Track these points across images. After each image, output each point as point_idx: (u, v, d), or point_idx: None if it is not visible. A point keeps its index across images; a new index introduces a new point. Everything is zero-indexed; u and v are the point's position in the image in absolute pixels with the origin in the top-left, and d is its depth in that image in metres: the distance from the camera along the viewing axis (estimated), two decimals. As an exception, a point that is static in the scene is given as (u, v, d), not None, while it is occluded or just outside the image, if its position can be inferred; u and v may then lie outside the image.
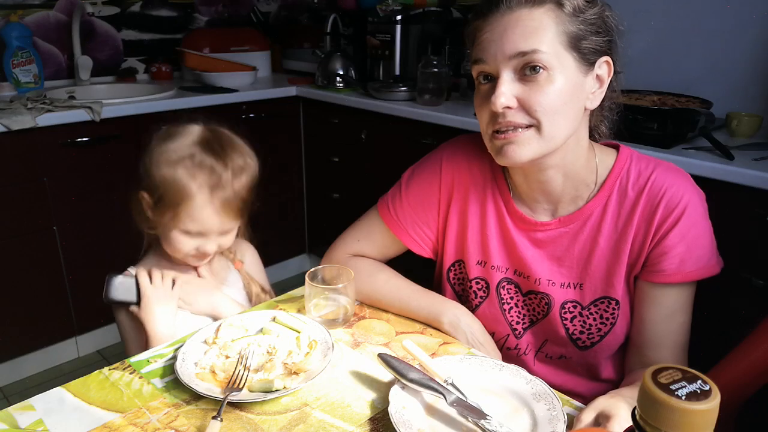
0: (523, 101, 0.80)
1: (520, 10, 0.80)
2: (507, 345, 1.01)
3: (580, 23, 0.80)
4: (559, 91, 0.80)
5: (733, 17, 1.82)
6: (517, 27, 0.79)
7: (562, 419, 0.71)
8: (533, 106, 0.80)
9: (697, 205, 0.87)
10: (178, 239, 1.00)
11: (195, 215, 0.98)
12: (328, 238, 1.13)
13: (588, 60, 0.82)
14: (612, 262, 0.90)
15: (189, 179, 0.96)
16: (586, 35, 0.81)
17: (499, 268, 0.98)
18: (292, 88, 2.64)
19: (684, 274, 0.87)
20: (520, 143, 0.82)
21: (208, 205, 0.98)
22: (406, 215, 1.03)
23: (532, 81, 0.79)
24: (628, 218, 0.89)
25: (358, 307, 1.03)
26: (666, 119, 1.57)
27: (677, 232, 0.85)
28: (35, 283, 2.09)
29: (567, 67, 0.80)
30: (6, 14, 2.34)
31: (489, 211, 0.97)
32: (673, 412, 0.37)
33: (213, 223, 0.99)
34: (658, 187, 0.87)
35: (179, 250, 1.02)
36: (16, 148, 1.93)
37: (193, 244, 1.01)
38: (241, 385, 0.78)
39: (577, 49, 0.81)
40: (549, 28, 0.79)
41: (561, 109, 0.80)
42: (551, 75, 0.79)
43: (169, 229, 1.00)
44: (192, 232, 1.00)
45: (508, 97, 0.80)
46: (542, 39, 0.78)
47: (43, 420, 0.74)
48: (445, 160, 1.01)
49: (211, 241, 1.02)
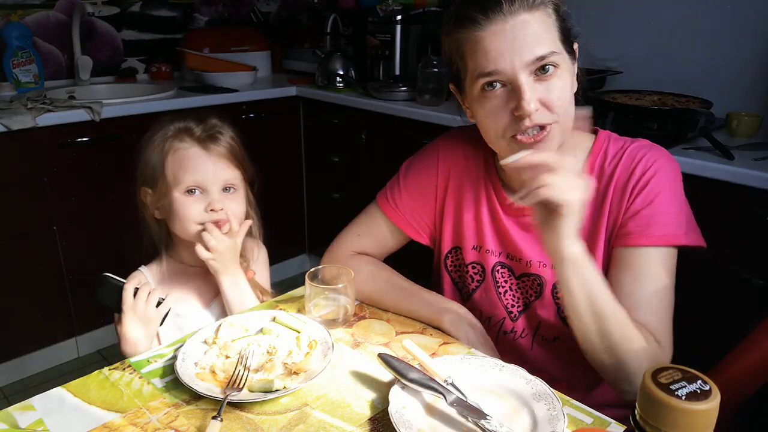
0: (543, 100, 0.82)
1: (522, 15, 0.81)
2: (503, 329, 1.02)
3: (564, 17, 0.84)
4: (567, 86, 0.84)
5: (732, 17, 1.82)
6: (527, 33, 0.80)
7: (562, 419, 0.71)
8: (554, 103, 0.82)
9: (669, 172, 0.89)
10: (184, 205, 1.03)
11: (190, 166, 1.03)
12: (328, 238, 1.14)
13: (572, 50, 0.86)
14: (592, 237, 0.92)
15: (177, 143, 1.05)
16: (569, 27, 0.85)
17: (493, 252, 1.01)
18: (292, 88, 2.64)
19: (648, 237, 0.87)
20: (548, 140, 0.84)
21: (200, 154, 1.04)
22: (404, 203, 1.06)
23: (547, 80, 0.82)
24: (604, 192, 0.91)
25: (358, 307, 1.03)
26: (666, 119, 1.57)
27: (645, 195, 0.88)
28: (35, 283, 2.09)
29: (566, 61, 0.85)
30: (6, 14, 2.34)
31: (482, 198, 1.01)
32: (673, 412, 0.37)
33: (209, 171, 1.03)
34: (632, 156, 0.90)
35: (185, 219, 1.03)
36: (16, 148, 1.93)
37: (200, 207, 1.03)
38: (241, 385, 0.78)
39: (568, 42, 0.85)
40: (552, 29, 0.83)
41: (570, 101, 0.85)
42: (560, 71, 0.83)
43: (172, 201, 1.03)
44: (193, 188, 1.03)
45: (535, 101, 0.81)
46: (553, 40, 0.82)
47: (43, 420, 0.74)
48: (442, 151, 1.05)
49: (216, 199, 1.03)
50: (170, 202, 1.04)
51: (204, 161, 1.04)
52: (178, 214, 1.04)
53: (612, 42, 1.78)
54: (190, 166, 1.03)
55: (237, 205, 1.07)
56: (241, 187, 1.09)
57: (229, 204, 1.05)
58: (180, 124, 1.07)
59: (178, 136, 1.05)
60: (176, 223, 1.05)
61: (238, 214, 1.06)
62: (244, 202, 1.09)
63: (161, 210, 1.07)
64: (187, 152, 1.04)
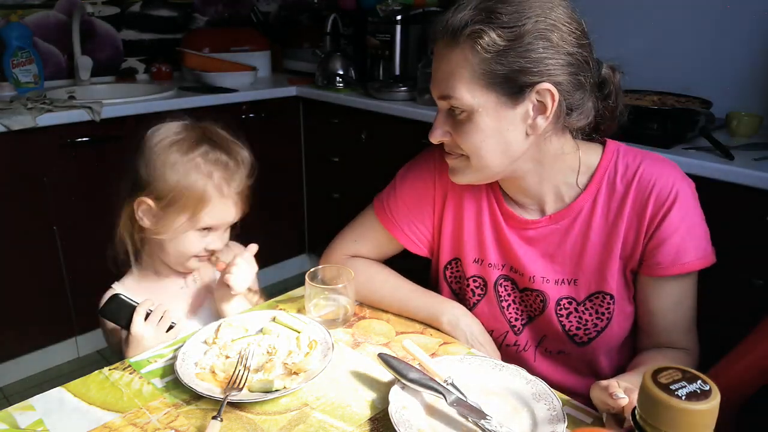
0: (451, 137, 0.87)
1: (443, 52, 0.83)
2: (506, 342, 1.01)
3: (499, 60, 0.78)
4: (480, 131, 0.83)
5: (732, 17, 1.82)
6: (439, 69, 0.84)
7: (562, 419, 0.71)
8: (459, 144, 0.86)
9: (688, 195, 0.87)
10: (190, 240, 1.00)
11: (214, 211, 0.99)
12: (328, 238, 1.13)
13: (515, 94, 0.81)
14: (604, 257, 0.90)
15: (206, 179, 0.97)
16: (510, 71, 0.79)
17: (496, 266, 0.98)
18: (292, 88, 2.64)
19: (681, 266, 0.87)
20: (455, 170, 0.90)
21: (226, 198, 1.00)
22: (401, 214, 1.04)
23: (457, 121, 0.85)
24: (618, 212, 0.89)
25: (358, 307, 1.03)
26: (666, 119, 1.57)
27: (670, 223, 0.86)
28: (35, 283, 2.09)
29: (489, 107, 0.82)
30: (6, 14, 2.34)
31: (484, 209, 0.98)
32: (673, 412, 0.37)
33: (230, 215, 1.02)
34: (647, 179, 0.87)
35: (186, 252, 1.01)
36: (16, 148, 1.93)
37: (203, 243, 1.01)
38: (241, 385, 0.78)
39: (499, 86, 0.80)
40: (465, 69, 0.80)
41: (485, 146, 0.84)
42: (471, 116, 0.83)
43: (181, 231, 0.99)
44: (207, 228, 1.01)
45: (441, 133, 0.87)
46: (457, 83, 0.81)
47: (43, 420, 0.74)
48: (440, 158, 1.01)
49: (219, 237, 1.03)
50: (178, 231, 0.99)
51: (226, 204, 1.00)
52: (181, 245, 1.00)
53: (612, 42, 1.77)
54: (215, 213, 0.99)
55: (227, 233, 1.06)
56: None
57: (226, 234, 1.05)
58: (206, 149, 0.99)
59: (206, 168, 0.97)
60: (171, 250, 1.01)
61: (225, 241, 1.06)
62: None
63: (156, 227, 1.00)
64: (213, 193, 0.98)
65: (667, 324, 0.91)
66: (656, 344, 0.93)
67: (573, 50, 0.80)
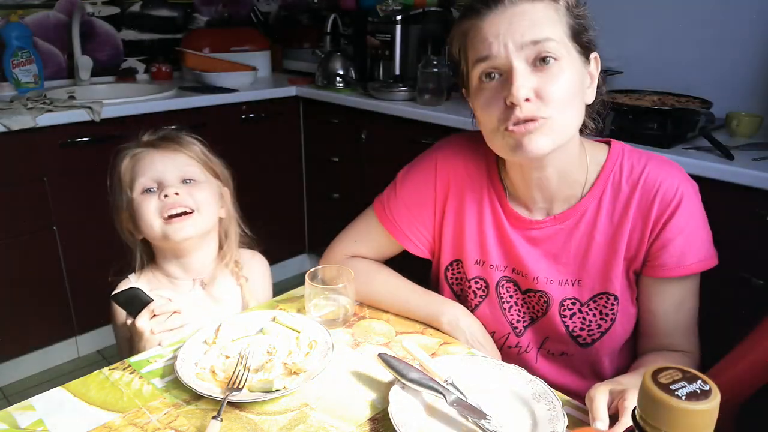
0: (538, 92, 0.79)
1: (522, 5, 0.80)
2: (508, 343, 1.01)
3: (575, 17, 0.83)
4: (570, 82, 0.80)
5: (732, 17, 1.82)
6: (524, 19, 0.79)
7: (562, 419, 0.71)
8: (549, 96, 0.78)
9: (692, 197, 0.87)
10: (141, 203, 1.00)
11: (142, 167, 1.02)
12: (328, 238, 1.13)
13: (585, 54, 0.84)
14: (609, 258, 0.90)
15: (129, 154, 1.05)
16: (582, 30, 0.83)
17: (498, 267, 0.98)
18: (292, 88, 2.64)
19: (685, 267, 0.87)
20: (539, 133, 0.79)
21: (151, 153, 1.03)
22: (401, 215, 1.03)
23: (545, 71, 0.79)
24: (623, 213, 0.89)
25: (358, 307, 1.03)
26: (666, 119, 1.57)
27: (674, 225, 0.86)
28: (35, 283, 2.09)
29: (573, 59, 0.82)
30: (6, 14, 2.34)
31: (485, 210, 0.97)
32: (673, 412, 0.37)
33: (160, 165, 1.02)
34: (652, 181, 0.87)
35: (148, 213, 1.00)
36: (16, 148, 1.93)
37: (156, 200, 1.00)
38: (241, 385, 0.78)
39: (578, 42, 0.83)
40: (555, 20, 0.80)
41: (572, 101, 0.81)
42: (562, 66, 0.79)
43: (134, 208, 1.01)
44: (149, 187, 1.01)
45: (528, 88, 0.78)
46: (552, 28, 0.80)
47: (43, 420, 0.74)
48: (441, 160, 1.01)
49: (170, 185, 1.01)
50: (134, 212, 1.02)
51: (155, 157, 1.03)
52: (139, 215, 1.01)
53: (612, 42, 1.77)
54: (141, 166, 1.02)
55: (201, 192, 1.03)
56: (205, 181, 1.06)
57: (189, 190, 1.01)
58: (130, 142, 1.07)
59: (130, 148, 1.06)
60: (143, 228, 1.02)
61: (202, 202, 1.02)
62: (211, 195, 1.05)
63: (135, 227, 1.04)
64: (139, 156, 1.04)
65: (669, 325, 0.91)
66: (657, 346, 0.93)
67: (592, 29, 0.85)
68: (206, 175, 1.07)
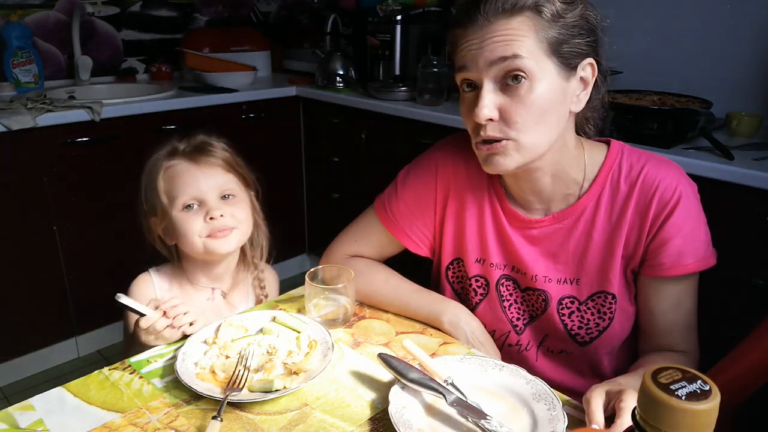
0: (503, 113, 0.81)
1: (497, 21, 0.79)
2: (508, 341, 1.01)
3: (560, 28, 0.79)
4: (542, 100, 0.80)
5: (732, 17, 1.82)
6: (496, 35, 0.79)
7: (562, 419, 0.71)
8: (513, 119, 0.80)
9: (691, 197, 0.87)
10: (184, 221, 1.01)
11: (181, 182, 1.02)
12: (328, 238, 1.13)
13: (570, 64, 0.81)
14: (606, 256, 0.91)
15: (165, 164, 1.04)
16: (567, 39, 0.80)
17: (498, 266, 0.98)
18: (292, 88, 2.64)
19: (683, 267, 0.87)
20: (503, 154, 0.83)
21: (189, 168, 1.03)
22: (402, 215, 1.03)
23: (514, 92, 0.80)
24: (621, 212, 0.89)
25: (358, 307, 1.03)
26: (666, 119, 1.57)
27: (672, 225, 0.86)
28: (35, 283, 2.09)
29: (548, 74, 0.80)
30: (6, 14, 2.34)
31: (486, 209, 0.98)
32: (673, 412, 0.37)
33: (202, 181, 1.02)
34: (651, 180, 0.87)
35: (191, 233, 1.01)
36: (16, 148, 1.93)
37: (200, 219, 1.01)
38: (241, 385, 0.78)
39: (558, 55, 0.80)
40: (528, 36, 0.79)
41: (541, 119, 0.81)
42: (532, 84, 0.79)
43: (173, 222, 1.01)
44: (190, 203, 1.01)
45: (491, 109, 0.80)
46: (521, 46, 0.78)
47: (43, 420, 0.74)
48: (441, 159, 1.01)
49: (214, 207, 1.02)
50: (172, 224, 1.03)
51: (194, 173, 1.02)
52: (180, 232, 1.02)
53: (612, 42, 1.78)
54: (181, 182, 1.02)
55: (240, 210, 1.05)
56: (241, 193, 1.07)
57: (230, 210, 1.03)
58: (167, 147, 1.06)
59: (166, 158, 1.05)
60: (183, 243, 1.04)
61: (242, 219, 1.05)
62: (247, 208, 1.08)
63: (168, 234, 1.06)
64: (176, 168, 1.03)
65: (667, 325, 0.91)
66: (656, 346, 0.93)
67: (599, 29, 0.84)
68: (240, 187, 1.08)
